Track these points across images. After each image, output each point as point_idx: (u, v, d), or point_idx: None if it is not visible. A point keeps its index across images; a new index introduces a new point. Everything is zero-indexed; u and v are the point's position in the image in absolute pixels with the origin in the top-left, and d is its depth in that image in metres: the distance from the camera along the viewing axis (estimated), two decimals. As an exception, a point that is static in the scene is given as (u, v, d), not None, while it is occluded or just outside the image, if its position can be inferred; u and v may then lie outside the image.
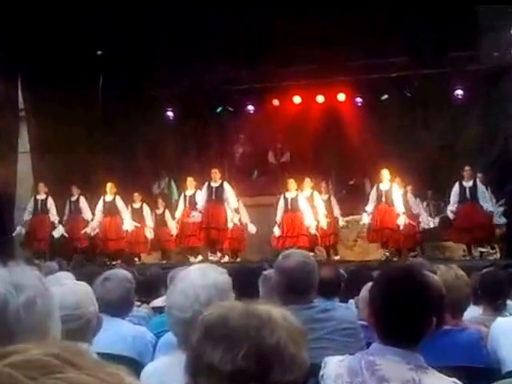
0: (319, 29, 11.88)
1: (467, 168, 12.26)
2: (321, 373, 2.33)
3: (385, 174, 12.45)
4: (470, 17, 11.62)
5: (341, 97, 15.34)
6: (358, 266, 8.72)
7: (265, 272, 4.27)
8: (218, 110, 16.01)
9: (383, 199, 12.38)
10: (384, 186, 12.45)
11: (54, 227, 13.32)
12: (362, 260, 12.21)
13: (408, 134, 14.53)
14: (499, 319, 3.89)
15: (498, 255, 12.08)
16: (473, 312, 4.43)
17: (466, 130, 14.53)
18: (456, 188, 12.26)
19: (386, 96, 14.90)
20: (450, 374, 2.26)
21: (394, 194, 12.31)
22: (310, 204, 12.65)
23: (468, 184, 12.19)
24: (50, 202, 13.36)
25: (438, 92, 14.34)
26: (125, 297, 4.00)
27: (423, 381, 2.15)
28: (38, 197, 13.45)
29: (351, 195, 14.77)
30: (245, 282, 4.10)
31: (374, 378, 2.17)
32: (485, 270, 5.12)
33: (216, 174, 12.81)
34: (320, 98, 15.51)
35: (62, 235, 13.36)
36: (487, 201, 12.00)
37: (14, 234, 13.39)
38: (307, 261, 3.40)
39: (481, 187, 12.14)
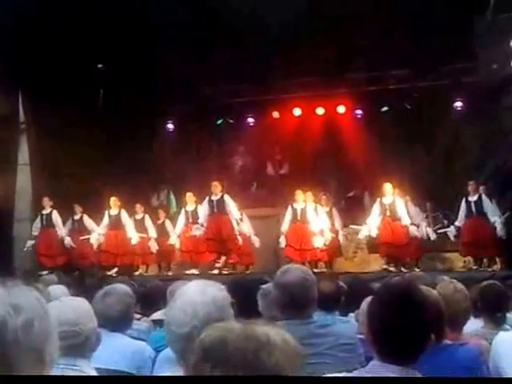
0: (319, 42, 11.91)
1: (471, 182, 12.21)
2: None
3: (387, 187, 12.36)
4: (469, 29, 11.65)
5: (341, 109, 15.37)
6: (358, 278, 8.68)
7: (263, 286, 4.26)
8: (219, 121, 16.06)
9: (387, 213, 12.31)
10: (387, 199, 12.38)
11: (62, 240, 13.32)
12: (361, 271, 12.18)
13: (408, 145, 14.54)
14: (501, 333, 3.87)
15: (498, 266, 12.07)
16: (474, 325, 4.42)
17: (465, 142, 14.54)
18: (463, 204, 12.20)
19: (385, 108, 14.93)
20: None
21: (398, 207, 12.25)
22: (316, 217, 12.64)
23: (473, 198, 12.13)
24: (55, 216, 13.34)
25: (437, 104, 14.37)
26: (125, 312, 4.00)
27: None
28: (44, 211, 13.43)
29: (350, 207, 14.75)
30: (244, 296, 4.11)
31: None
32: (484, 283, 5.09)
33: (216, 187, 12.76)
34: (320, 111, 15.54)
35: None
36: (495, 214, 11.93)
37: (25, 249, 13.37)
38: (306, 276, 3.39)
39: (486, 201, 12.08)
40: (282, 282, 3.38)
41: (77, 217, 13.62)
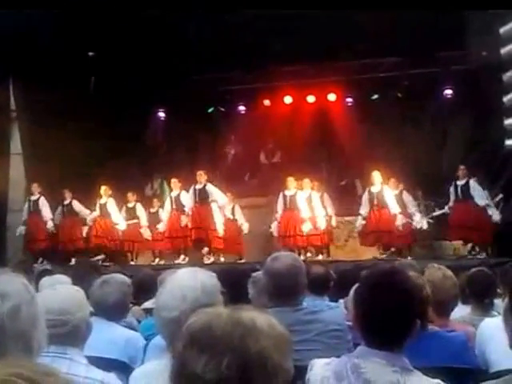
0: (309, 30, 11.89)
1: (462, 167, 12.25)
2: (307, 376, 2.34)
3: (376, 175, 12.43)
4: (458, 16, 11.65)
5: (331, 97, 15.37)
6: (349, 266, 8.73)
7: (254, 274, 4.29)
8: (210, 110, 16.04)
9: (375, 201, 12.38)
10: (375, 188, 12.45)
11: (46, 225, 13.36)
12: (352, 260, 12.21)
13: (398, 133, 14.56)
14: (487, 320, 3.92)
15: (489, 253, 12.12)
16: (461, 311, 4.46)
17: (455, 130, 14.57)
18: (452, 187, 12.33)
19: (376, 96, 14.94)
20: (437, 375, 2.28)
21: (385, 196, 12.29)
22: (309, 205, 12.67)
23: (461, 183, 12.21)
24: (42, 202, 13.35)
25: (427, 92, 14.38)
26: (121, 300, 4.05)
27: (408, 383, 2.17)
28: (32, 198, 13.44)
29: (343, 195, 14.75)
30: (235, 284, 4.14)
31: (360, 380, 2.19)
32: (473, 270, 5.14)
33: (201, 175, 12.85)
34: (311, 98, 15.53)
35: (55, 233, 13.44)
36: (482, 197, 11.96)
37: (17, 234, 13.39)
38: (295, 263, 3.42)
39: (473, 185, 12.12)
40: (271, 269, 3.41)
41: (66, 202, 13.62)
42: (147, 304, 5.41)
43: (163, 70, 14.21)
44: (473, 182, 12.15)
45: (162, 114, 16.23)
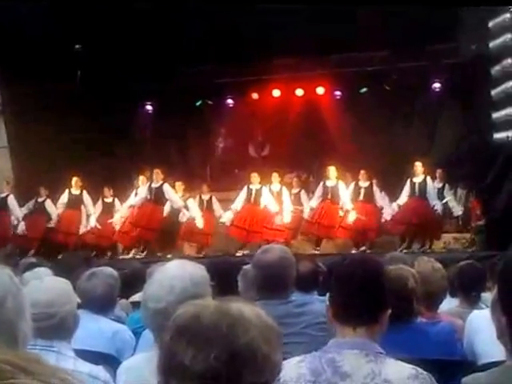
0: (298, 23, 11.88)
1: (418, 164, 12.27)
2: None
3: (331, 170, 12.55)
4: (448, 10, 11.66)
5: (320, 90, 15.36)
6: (338, 259, 8.73)
7: (245, 267, 4.29)
8: (198, 103, 15.98)
9: (329, 196, 12.46)
10: (330, 182, 12.52)
11: (14, 225, 13.15)
12: (342, 253, 12.21)
13: (387, 127, 14.57)
14: (475, 312, 3.93)
15: (475, 247, 12.18)
16: (449, 304, 4.48)
17: (444, 123, 14.59)
18: (407, 184, 12.28)
19: (364, 89, 14.94)
20: (424, 367, 2.27)
21: (340, 191, 12.39)
22: (278, 199, 12.67)
23: (418, 180, 12.21)
24: (11, 200, 13.15)
25: (416, 85, 14.39)
26: (108, 293, 4.03)
27: (383, 371, 2.16)
28: (2, 195, 13.26)
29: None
30: (224, 277, 4.13)
31: (337, 374, 2.19)
32: (462, 263, 5.16)
33: (158, 174, 12.87)
34: (299, 92, 15.50)
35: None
36: (434, 198, 12.08)
37: None
38: (285, 256, 3.41)
39: (430, 184, 12.19)
40: (261, 262, 3.40)
41: (40, 199, 13.42)
42: (135, 297, 5.40)
43: (150, 63, 14.13)
44: (430, 181, 12.20)
45: (149, 108, 16.15)
